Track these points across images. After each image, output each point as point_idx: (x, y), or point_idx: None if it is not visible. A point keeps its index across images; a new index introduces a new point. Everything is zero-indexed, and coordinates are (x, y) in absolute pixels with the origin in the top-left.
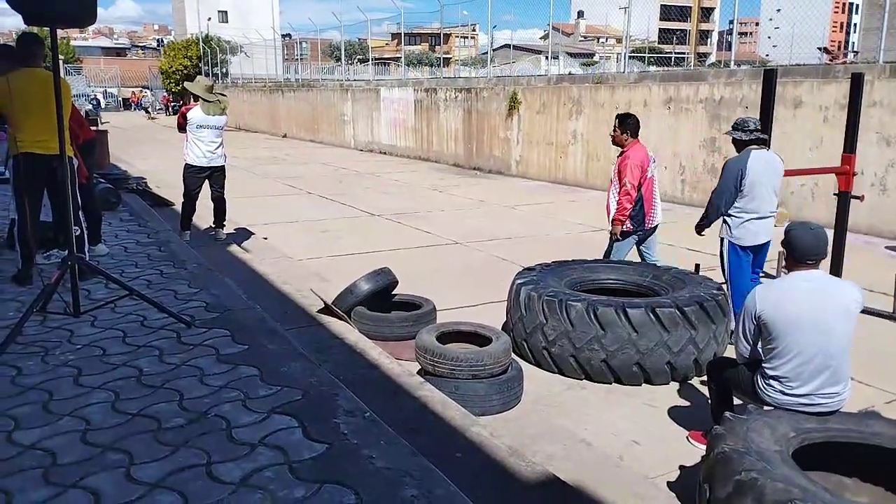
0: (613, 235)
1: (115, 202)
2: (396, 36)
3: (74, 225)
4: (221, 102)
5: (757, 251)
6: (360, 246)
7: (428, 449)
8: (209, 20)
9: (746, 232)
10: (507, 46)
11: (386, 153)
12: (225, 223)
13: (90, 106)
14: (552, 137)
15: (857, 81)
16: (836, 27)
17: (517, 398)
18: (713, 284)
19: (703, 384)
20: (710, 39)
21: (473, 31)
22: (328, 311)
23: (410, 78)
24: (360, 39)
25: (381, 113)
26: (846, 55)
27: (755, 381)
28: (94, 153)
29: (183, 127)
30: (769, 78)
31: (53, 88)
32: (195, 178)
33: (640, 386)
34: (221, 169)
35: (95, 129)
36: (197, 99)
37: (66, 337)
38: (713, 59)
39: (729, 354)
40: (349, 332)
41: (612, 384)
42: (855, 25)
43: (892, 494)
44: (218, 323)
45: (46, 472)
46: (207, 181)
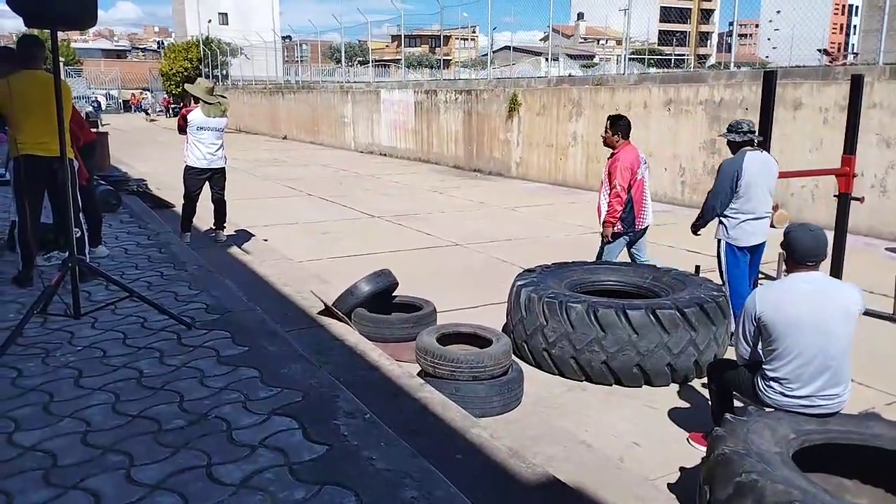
0: (604, 237)
1: (115, 204)
2: (396, 38)
3: (75, 227)
4: (222, 104)
5: (753, 251)
6: (360, 248)
7: (428, 450)
8: (209, 22)
9: (743, 232)
10: (507, 48)
11: (386, 155)
12: (225, 225)
13: (91, 108)
14: (552, 139)
15: (856, 83)
16: (835, 29)
17: (517, 400)
18: (713, 286)
19: (703, 386)
20: (709, 41)
21: (473, 32)
22: (328, 312)
23: (410, 80)
24: (360, 41)
25: (381, 115)
26: (846, 57)
27: (755, 382)
28: (94, 155)
29: (183, 129)
30: (769, 79)
31: (54, 90)
32: (195, 179)
33: (640, 387)
34: (222, 171)
35: (96, 131)
36: (197, 101)
37: (66, 338)
38: (713, 60)
39: (729, 356)
40: (349, 333)
41: (612, 386)
42: (855, 27)
43: (892, 496)
44: (218, 325)
45: (47, 473)
46: (208, 183)
